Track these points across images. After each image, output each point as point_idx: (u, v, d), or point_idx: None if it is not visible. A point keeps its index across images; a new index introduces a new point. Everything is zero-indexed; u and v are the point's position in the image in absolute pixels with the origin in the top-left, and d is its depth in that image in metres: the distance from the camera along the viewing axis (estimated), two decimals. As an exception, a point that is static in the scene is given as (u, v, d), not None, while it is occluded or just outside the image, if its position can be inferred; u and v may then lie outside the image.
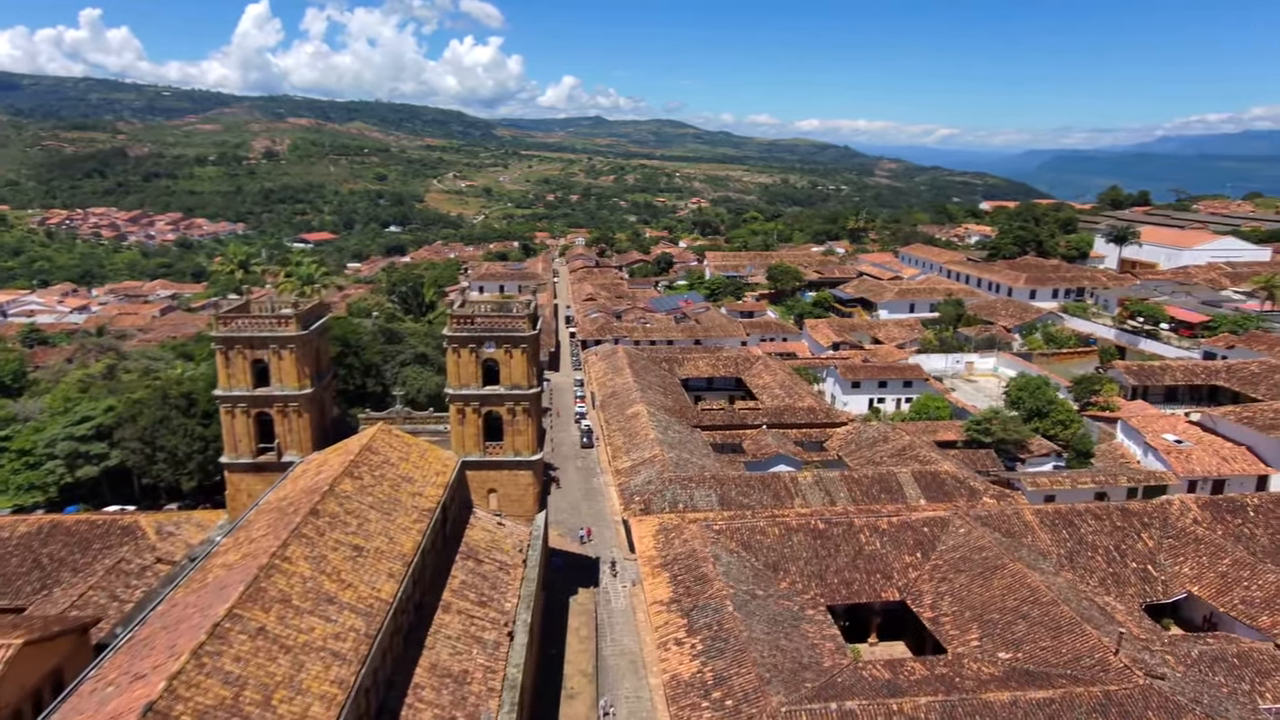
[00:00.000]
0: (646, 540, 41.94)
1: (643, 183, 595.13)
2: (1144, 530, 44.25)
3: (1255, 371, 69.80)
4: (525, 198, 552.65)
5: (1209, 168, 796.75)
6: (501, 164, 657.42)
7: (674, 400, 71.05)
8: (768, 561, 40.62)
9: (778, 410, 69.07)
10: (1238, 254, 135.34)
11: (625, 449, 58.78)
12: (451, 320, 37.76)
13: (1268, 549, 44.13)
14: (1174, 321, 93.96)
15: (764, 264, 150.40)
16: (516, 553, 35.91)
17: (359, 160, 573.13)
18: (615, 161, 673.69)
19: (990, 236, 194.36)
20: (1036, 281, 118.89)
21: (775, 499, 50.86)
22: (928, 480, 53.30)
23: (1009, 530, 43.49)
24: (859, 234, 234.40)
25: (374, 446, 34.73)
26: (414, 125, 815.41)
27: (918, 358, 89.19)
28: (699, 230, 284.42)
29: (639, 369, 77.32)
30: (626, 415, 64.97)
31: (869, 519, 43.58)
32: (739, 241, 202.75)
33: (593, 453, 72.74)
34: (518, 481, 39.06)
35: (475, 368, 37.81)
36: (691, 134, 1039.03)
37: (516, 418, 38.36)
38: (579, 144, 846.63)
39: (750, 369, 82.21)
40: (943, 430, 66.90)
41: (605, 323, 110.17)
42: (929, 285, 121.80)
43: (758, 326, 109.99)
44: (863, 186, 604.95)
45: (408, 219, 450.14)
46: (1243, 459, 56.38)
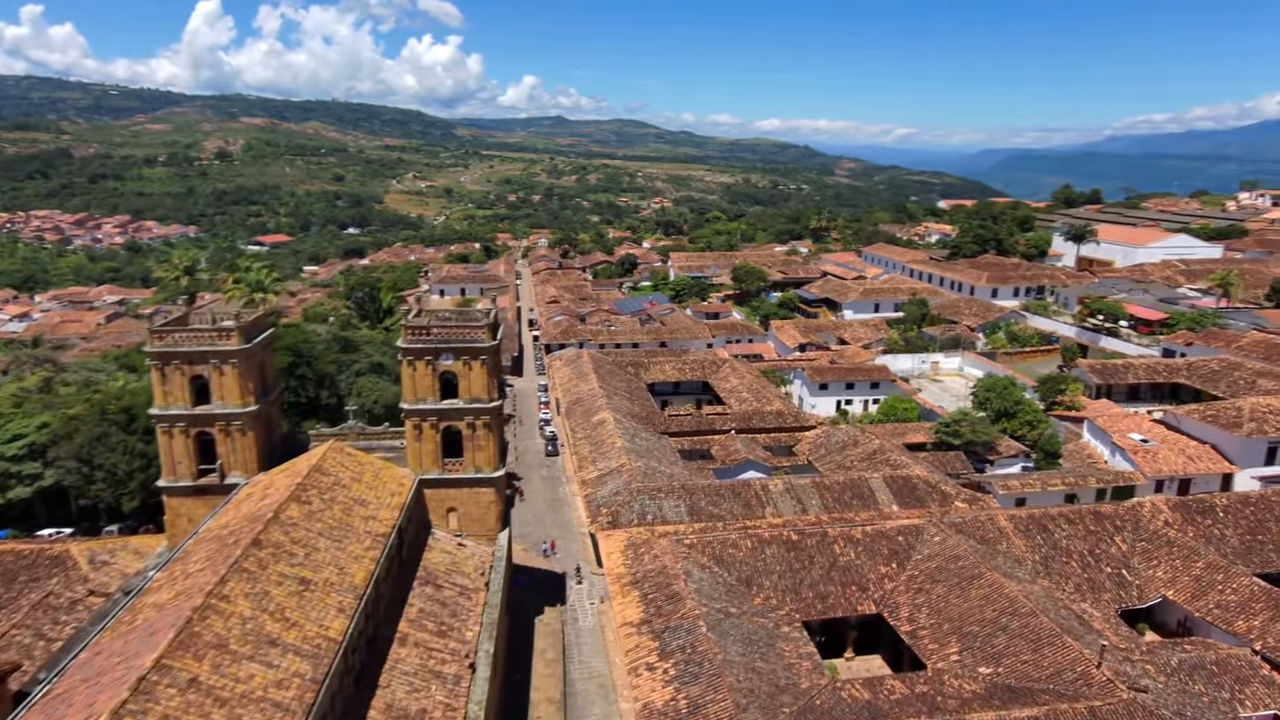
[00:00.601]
0: (615, 557, 40.35)
1: (605, 183, 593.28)
2: (1117, 534, 43.85)
3: (1215, 369, 70.46)
4: (487, 198, 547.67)
5: (1155, 166, 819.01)
6: (462, 164, 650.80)
7: (640, 406, 69.53)
8: (741, 576, 39.30)
9: (746, 415, 67.96)
10: (1190, 251, 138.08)
11: (591, 458, 57.07)
12: (406, 331, 35.75)
13: (1238, 550, 44.02)
14: (1133, 319, 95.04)
15: (728, 264, 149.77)
16: (478, 575, 34.07)
17: (316, 160, 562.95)
18: (577, 161, 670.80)
19: (950, 235, 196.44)
20: (998, 280, 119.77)
21: (746, 508, 49.59)
22: (899, 485, 52.49)
23: (984, 537, 42.74)
24: (821, 233, 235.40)
25: (324, 467, 32.61)
26: (372, 125, 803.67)
27: (884, 358, 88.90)
28: (662, 230, 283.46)
29: (604, 374, 75.65)
30: (592, 423, 63.27)
31: (843, 529, 42.51)
32: (703, 242, 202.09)
33: (558, 460, 70.99)
34: (479, 499, 37.18)
35: (432, 380, 35.87)
36: (653, 134, 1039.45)
37: (477, 433, 36.48)
38: (541, 144, 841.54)
39: (717, 372, 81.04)
40: (911, 432, 66.39)
41: (569, 326, 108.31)
42: (893, 285, 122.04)
43: (723, 328, 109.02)
44: (823, 186, 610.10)
45: (366, 220, 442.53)
46: (1208, 457, 56.60)
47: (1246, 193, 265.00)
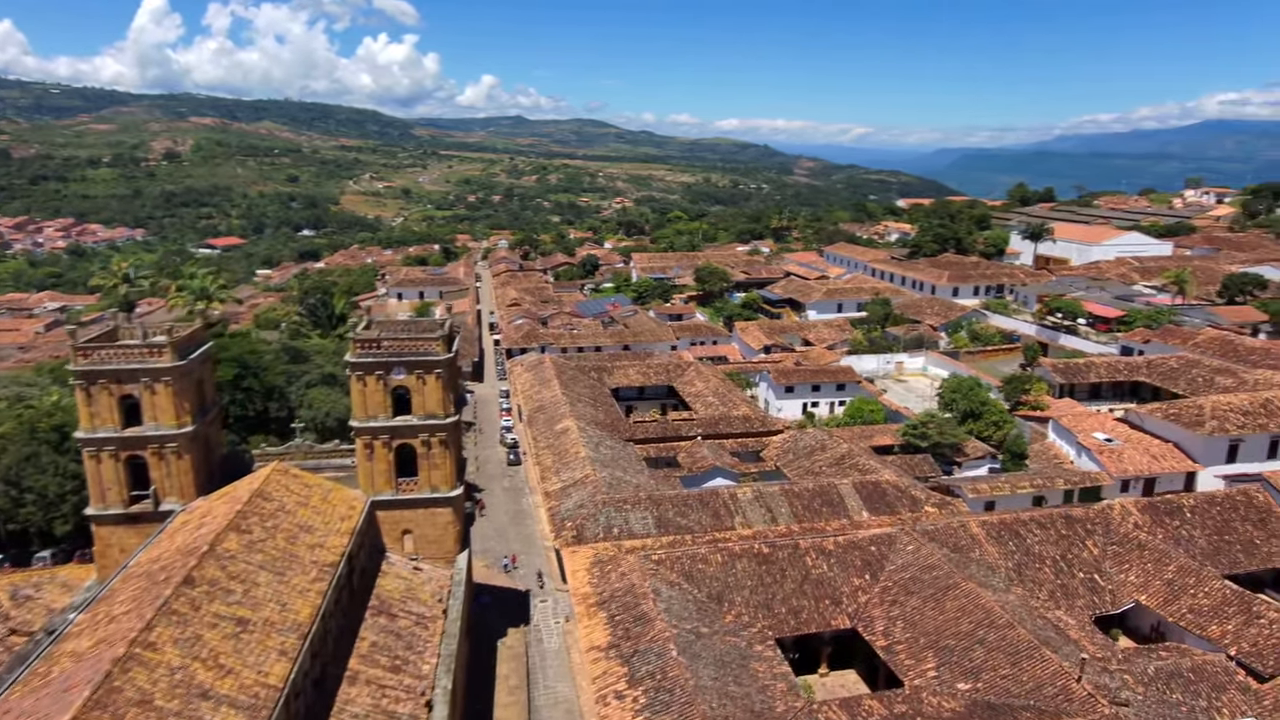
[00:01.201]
0: (580, 575, 38.70)
1: (566, 183, 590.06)
2: (1088, 538, 43.44)
3: (1175, 366, 71.09)
4: (446, 199, 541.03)
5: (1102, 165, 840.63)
6: (420, 164, 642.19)
7: (605, 413, 67.89)
8: (711, 592, 37.92)
9: (712, 420, 66.73)
10: (1142, 248, 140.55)
11: (555, 468, 55.30)
12: (355, 344, 33.65)
13: (1206, 551, 43.91)
14: (1091, 317, 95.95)
15: (691, 265, 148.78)
16: (435, 602, 32.18)
17: (269, 161, 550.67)
18: (537, 161, 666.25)
19: (909, 234, 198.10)
20: (958, 279, 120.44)
21: (715, 518, 48.30)
22: (869, 491, 51.65)
23: (957, 544, 41.96)
24: (782, 233, 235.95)
25: (267, 491, 30.44)
26: (327, 125, 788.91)
27: (849, 359, 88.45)
28: (624, 230, 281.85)
29: (567, 380, 73.86)
30: (555, 431, 61.47)
31: (814, 539, 41.40)
32: (665, 242, 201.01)
33: (520, 470, 69.05)
34: (435, 520, 35.26)
35: (384, 396, 33.85)
36: (613, 133, 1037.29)
37: (432, 450, 34.54)
38: (500, 144, 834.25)
39: (682, 376, 79.74)
40: (878, 435, 65.79)
41: (530, 329, 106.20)
42: (855, 284, 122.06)
43: (687, 330, 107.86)
44: (783, 185, 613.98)
45: (322, 222, 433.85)
46: (1171, 456, 56.77)
47: (1192, 190, 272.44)
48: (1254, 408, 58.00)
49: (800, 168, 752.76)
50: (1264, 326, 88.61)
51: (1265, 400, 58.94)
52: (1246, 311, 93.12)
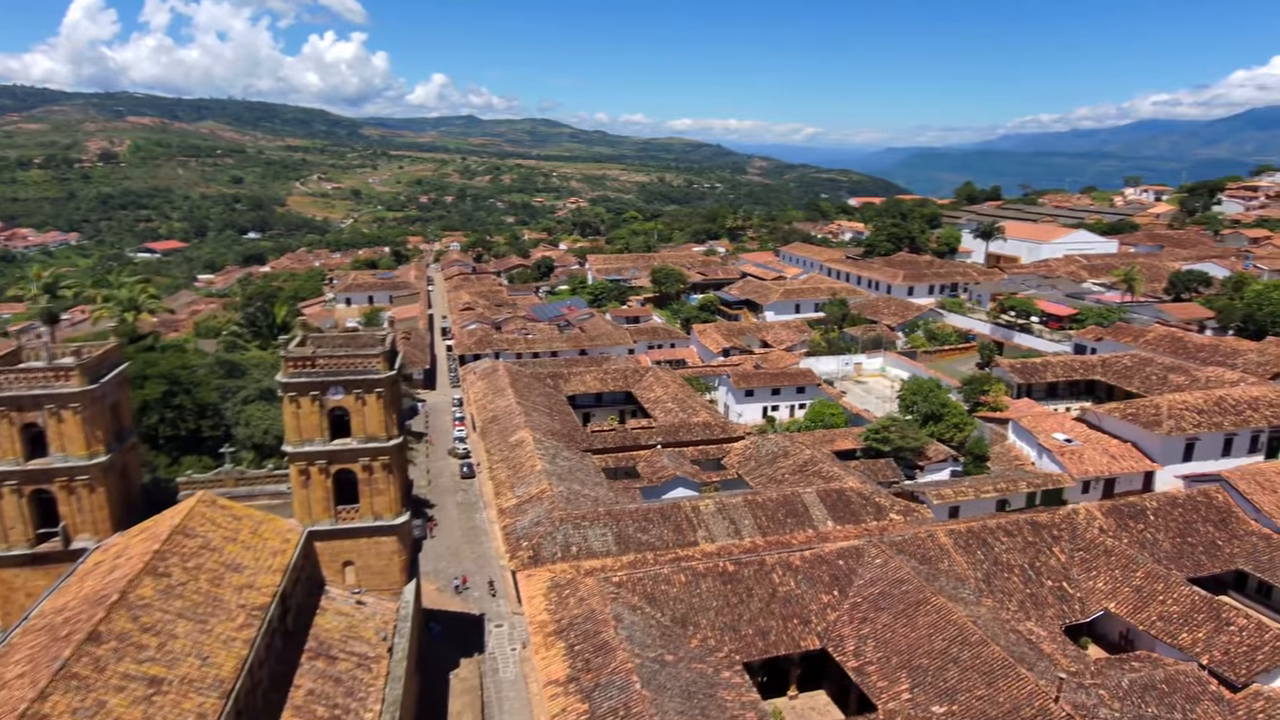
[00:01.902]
0: (537, 601, 36.63)
1: (520, 183, 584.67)
2: (1055, 544, 42.79)
3: (1129, 365, 71.58)
4: (397, 200, 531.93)
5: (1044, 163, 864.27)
6: (370, 165, 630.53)
7: (561, 422, 65.76)
8: (675, 615, 36.18)
9: (672, 427, 65.08)
10: (1089, 246, 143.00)
11: (510, 483, 53.04)
12: (287, 364, 31.08)
13: (1170, 554, 43.63)
14: (1044, 315, 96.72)
15: (647, 266, 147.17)
16: (380, 640, 29.85)
17: (212, 162, 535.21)
18: (491, 161, 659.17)
19: (863, 233, 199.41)
20: (914, 278, 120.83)
21: (677, 532, 46.59)
22: (833, 500, 50.48)
23: (925, 555, 40.90)
24: (738, 232, 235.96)
25: (190, 527, 27.78)
26: (273, 124, 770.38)
27: (808, 361, 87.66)
28: (579, 231, 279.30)
29: (522, 388, 71.55)
30: (510, 443, 59.17)
31: (780, 555, 39.94)
32: (620, 243, 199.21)
33: (474, 483, 66.62)
34: (379, 550, 32.88)
35: (320, 418, 31.35)
36: (567, 133, 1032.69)
37: (375, 475, 32.16)
38: (452, 144, 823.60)
39: (640, 381, 77.97)
40: (840, 439, 64.82)
41: (484, 335, 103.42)
42: (812, 285, 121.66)
43: (645, 333, 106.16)
44: (736, 184, 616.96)
45: (268, 224, 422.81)
46: (1130, 456, 56.77)
47: (1131, 188, 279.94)
48: (1208, 406, 58.35)
49: (753, 167, 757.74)
50: (1210, 323, 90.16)
51: (1219, 399, 59.36)
52: (1192, 308, 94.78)
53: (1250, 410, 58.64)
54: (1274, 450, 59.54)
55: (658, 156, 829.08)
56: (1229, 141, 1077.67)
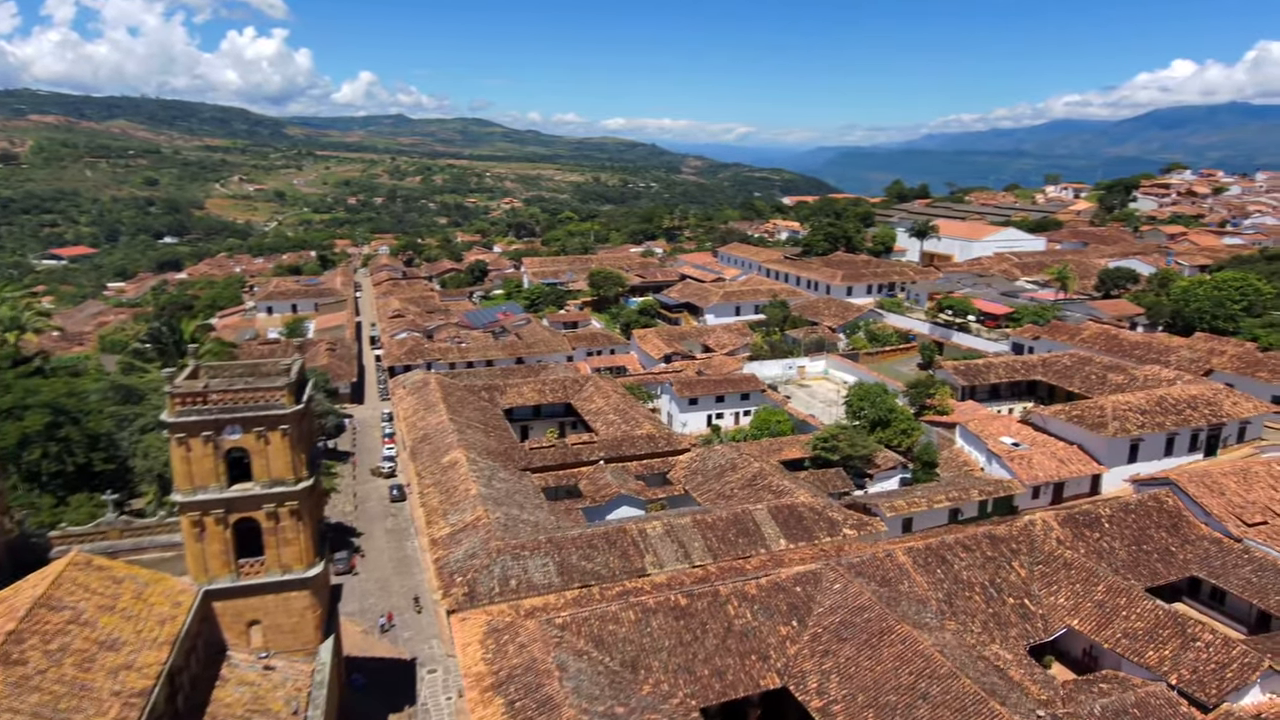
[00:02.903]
0: (472, 649, 33.29)
1: (452, 184, 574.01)
2: (1014, 558, 41.46)
3: (1068, 364, 71.73)
4: (323, 201, 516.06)
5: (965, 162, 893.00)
6: (295, 165, 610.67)
7: (497, 439, 62.18)
8: (625, 658, 33.30)
9: (615, 441, 62.18)
10: (1019, 244, 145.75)
11: (442, 510, 49.33)
12: (174, 400, 27.02)
13: (1127, 562, 42.82)
14: (980, 314, 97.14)
15: (584, 269, 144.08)
16: (290, 715, 26.16)
17: (123, 163, 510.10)
18: (421, 162, 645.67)
19: (799, 232, 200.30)
20: (852, 278, 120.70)
21: (623, 559, 43.73)
22: (785, 516, 48.35)
23: (884, 577, 38.99)
24: (675, 233, 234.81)
25: (56, 597, 23.64)
26: (190, 123, 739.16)
27: (751, 365, 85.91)
28: (514, 232, 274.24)
29: (455, 403, 67.65)
30: (442, 464, 55.37)
31: (735, 583, 37.44)
32: (556, 244, 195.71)
33: (406, 506, 62.57)
34: (289, 607, 29.09)
35: (215, 461, 27.43)
36: (500, 133, 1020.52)
37: (281, 524, 28.39)
38: (381, 143, 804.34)
39: (580, 392, 74.87)
40: (787, 447, 63.01)
41: (415, 344, 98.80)
42: (752, 286, 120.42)
43: (583, 339, 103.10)
44: (671, 184, 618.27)
45: (185, 228, 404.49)
46: (1077, 459, 56.30)
47: (1052, 186, 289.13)
48: (1150, 406, 58.39)
49: (687, 166, 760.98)
50: (1140, 319, 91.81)
51: (1160, 398, 59.51)
52: (1122, 305, 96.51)
53: (1190, 409, 58.93)
54: (1212, 448, 60.06)
55: (592, 156, 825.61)
56: (1136, 140, 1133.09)
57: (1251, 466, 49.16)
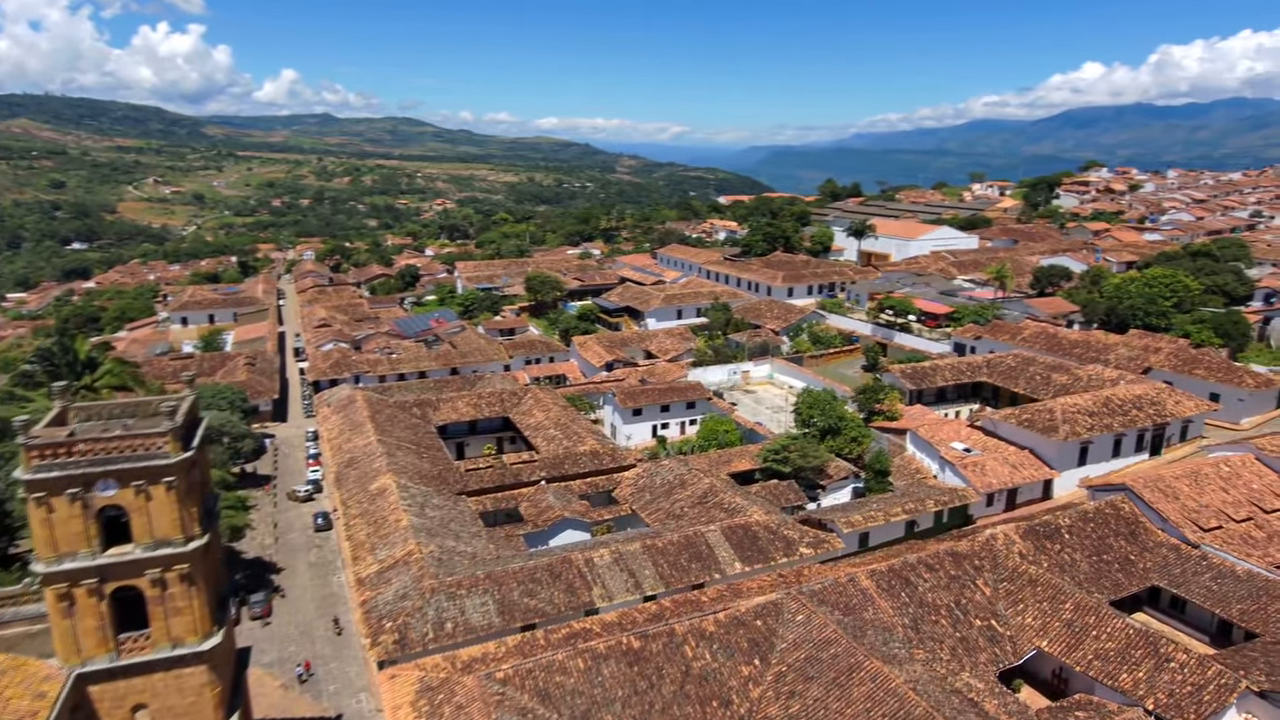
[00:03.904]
0: (403, 714, 29.68)
1: (382, 184, 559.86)
2: (978, 576, 39.77)
3: (1013, 365, 71.39)
4: (246, 204, 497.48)
5: (893, 160, 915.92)
6: (215, 166, 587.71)
7: (431, 461, 58.19)
8: (575, 714, 30.20)
9: (557, 459, 58.85)
10: (953, 242, 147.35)
11: (370, 544, 45.33)
12: (30, 454, 22.61)
13: (1089, 575, 41.62)
14: (921, 313, 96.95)
15: (520, 272, 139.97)
16: (182, 818, 22.27)
17: (26, 164, 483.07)
18: (350, 162, 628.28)
19: (736, 232, 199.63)
20: (793, 279, 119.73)
21: (569, 593, 40.61)
22: (740, 537, 45.95)
23: (848, 604, 36.75)
24: (612, 233, 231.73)
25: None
26: (100, 123, 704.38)
27: (695, 372, 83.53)
28: (447, 235, 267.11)
29: (384, 421, 63.34)
30: (370, 492, 51.24)
31: (692, 620, 34.66)
32: (491, 247, 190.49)
33: (332, 535, 58.01)
34: (183, 686, 25.02)
35: (85, 523, 23.24)
36: (431, 132, 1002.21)
37: (170, 591, 24.34)
38: (307, 143, 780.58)
39: (519, 405, 71.25)
40: (737, 459, 60.69)
41: (341, 357, 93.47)
42: (693, 289, 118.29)
43: (521, 346, 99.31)
44: (607, 184, 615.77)
45: (95, 234, 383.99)
46: (1029, 464, 55.46)
47: (978, 184, 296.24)
48: (1097, 408, 57.98)
49: (622, 166, 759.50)
50: (1075, 317, 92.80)
51: (1106, 399, 59.21)
52: (1058, 303, 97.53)
53: (1135, 409, 58.76)
54: (1157, 448, 60.09)
55: (526, 156, 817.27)
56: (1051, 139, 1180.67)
57: (1201, 468, 48.77)
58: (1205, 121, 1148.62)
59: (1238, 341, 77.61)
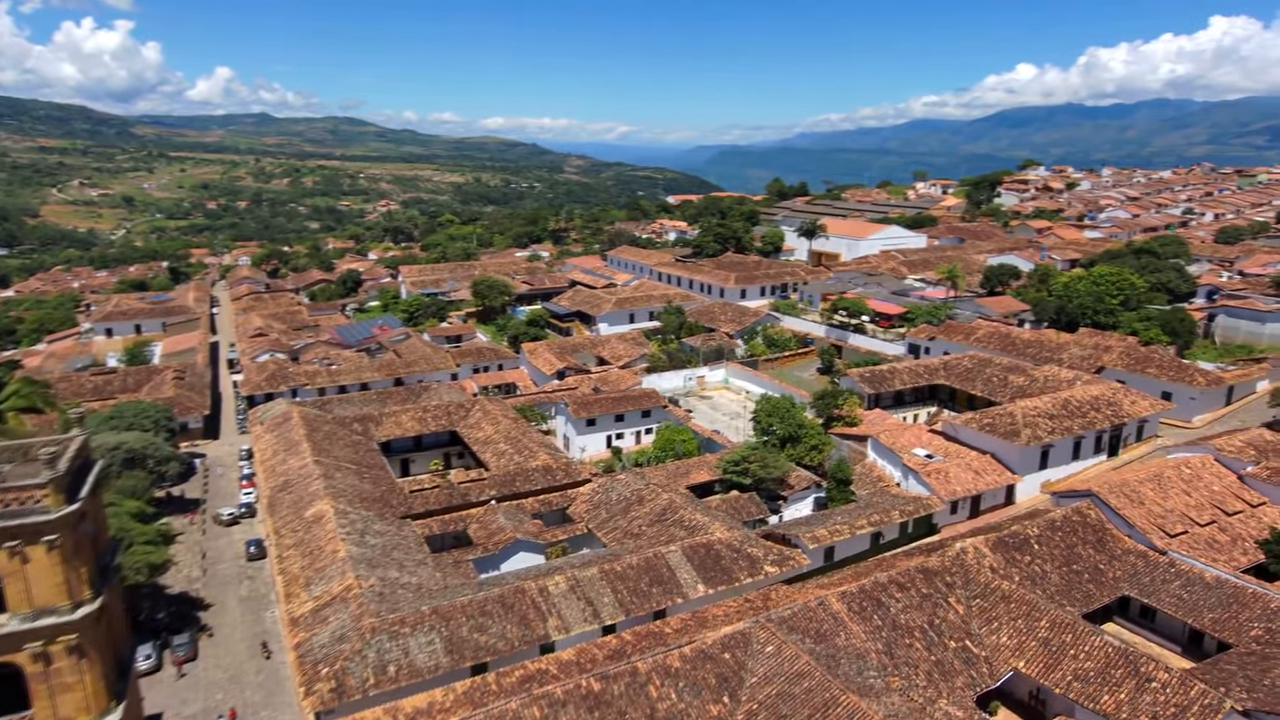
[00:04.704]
0: (338, 780, 26.66)
1: (323, 186, 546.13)
2: (950, 593, 38.26)
3: (969, 366, 70.81)
4: (179, 207, 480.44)
5: (837, 159, 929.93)
6: (146, 167, 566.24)
7: (372, 482, 54.75)
8: (530, 770, 27.54)
9: (507, 477, 55.93)
10: (902, 241, 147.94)
11: (305, 578, 41.93)
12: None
13: (1060, 587, 40.56)
14: (874, 314, 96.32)
15: (467, 276, 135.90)
16: None
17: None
18: (289, 163, 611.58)
19: (686, 232, 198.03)
20: (745, 280, 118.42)
21: (523, 627, 37.92)
22: (702, 557, 43.79)
23: (819, 630, 34.84)
24: (561, 235, 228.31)
25: None
26: (20, 122, 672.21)
27: (649, 379, 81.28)
28: (391, 237, 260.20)
29: (321, 440, 59.64)
30: (306, 519, 47.72)
31: (656, 656, 32.30)
32: (437, 250, 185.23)
33: (267, 564, 54.11)
34: (74, 773, 21.73)
35: (-53, 592, 19.87)
36: (373, 132, 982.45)
37: (56, 665, 21.01)
38: (244, 144, 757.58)
39: (467, 419, 68.06)
40: (695, 470, 58.66)
41: (278, 369, 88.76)
42: (645, 292, 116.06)
43: (468, 354, 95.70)
44: (555, 184, 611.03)
45: (16, 239, 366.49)
46: (992, 469, 54.56)
47: (921, 182, 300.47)
48: (1057, 410, 57.46)
49: (570, 166, 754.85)
50: (1026, 316, 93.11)
51: (1064, 401, 58.76)
52: (1008, 302, 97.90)
53: (1093, 411, 58.42)
54: (1115, 449, 59.90)
55: (472, 156, 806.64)
56: (988, 139, 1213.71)
57: (1164, 471, 48.31)
58: (1131, 121, 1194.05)
59: (1184, 339, 78.41)
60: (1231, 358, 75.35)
